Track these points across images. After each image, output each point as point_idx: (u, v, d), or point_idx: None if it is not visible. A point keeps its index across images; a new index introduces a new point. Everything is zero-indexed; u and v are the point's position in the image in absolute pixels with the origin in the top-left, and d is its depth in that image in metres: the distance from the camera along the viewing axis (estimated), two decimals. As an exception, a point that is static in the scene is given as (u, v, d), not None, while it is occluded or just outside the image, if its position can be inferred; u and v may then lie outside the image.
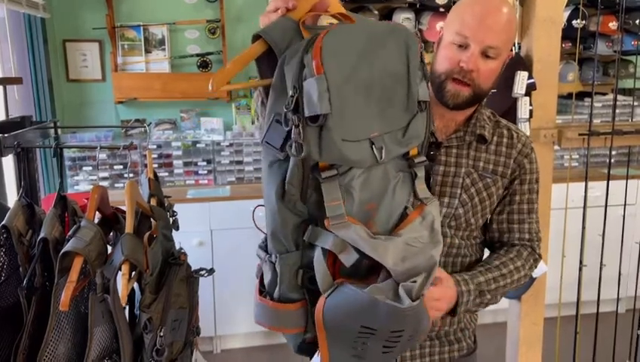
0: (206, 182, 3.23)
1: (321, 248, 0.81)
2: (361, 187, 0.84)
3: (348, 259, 0.80)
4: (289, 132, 0.77)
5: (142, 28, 3.30)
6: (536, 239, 1.26)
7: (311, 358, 0.95)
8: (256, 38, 0.83)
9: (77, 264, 0.99)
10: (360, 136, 0.82)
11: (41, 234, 1.07)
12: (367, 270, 0.87)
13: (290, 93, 0.76)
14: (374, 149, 0.83)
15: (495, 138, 1.23)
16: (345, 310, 0.80)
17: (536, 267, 1.24)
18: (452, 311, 1.11)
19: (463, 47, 1.11)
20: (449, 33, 1.13)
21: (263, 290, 0.87)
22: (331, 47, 0.77)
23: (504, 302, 2.08)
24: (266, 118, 0.81)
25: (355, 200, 0.83)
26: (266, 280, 0.85)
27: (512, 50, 1.92)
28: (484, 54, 1.10)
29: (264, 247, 0.87)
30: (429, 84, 1.21)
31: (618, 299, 2.29)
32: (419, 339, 1.01)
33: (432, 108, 1.21)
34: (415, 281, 0.84)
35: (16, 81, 1.85)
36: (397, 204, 0.91)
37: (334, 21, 0.92)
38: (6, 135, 1.32)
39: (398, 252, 0.84)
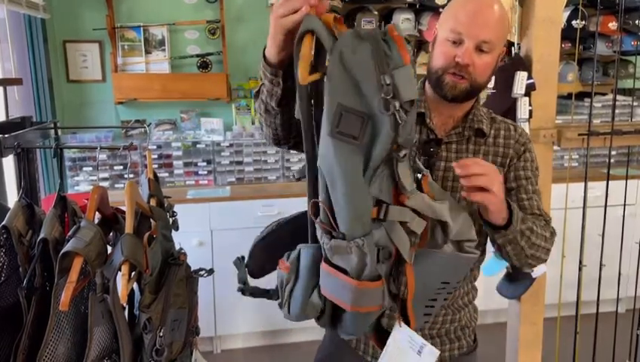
0: (206, 182, 3.23)
1: (398, 222, 0.89)
2: (414, 162, 0.97)
3: (419, 225, 0.91)
4: (364, 119, 0.84)
5: (142, 28, 3.30)
6: (546, 216, 1.27)
7: (383, 338, 1.03)
8: (304, 34, 0.86)
9: (77, 264, 1.00)
10: None
11: (41, 235, 1.07)
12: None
13: (387, 81, 0.82)
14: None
15: (493, 132, 1.27)
16: (432, 270, 0.94)
17: (553, 240, 1.23)
18: (505, 226, 1.10)
19: (457, 43, 1.15)
20: (443, 31, 1.18)
21: (353, 277, 0.90)
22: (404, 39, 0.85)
23: (504, 302, 2.08)
24: (328, 109, 0.85)
25: (413, 175, 0.95)
26: (350, 265, 0.89)
27: (511, 49, 1.92)
28: (479, 49, 1.15)
29: (339, 236, 0.89)
30: (427, 82, 1.24)
31: (618, 299, 2.29)
32: None
33: (430, 105, 1.24)
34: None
35: (16, 81, 1.86)
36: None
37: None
38: (6, 135, 1.32)
39: (449, 211, 0.96)
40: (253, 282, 1.13)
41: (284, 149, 1.25)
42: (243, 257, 1.16)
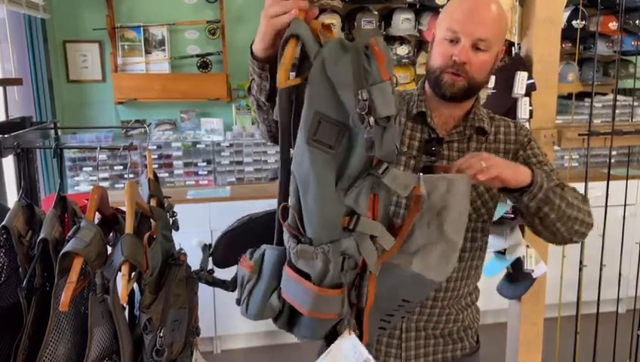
0: (206, 182, 3.23)
1: (370, 236, 0.89)
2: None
3: (388, 242, 0.92)
4: (340, 129, 0.85)
5: (142, 28, 3.30)
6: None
7: (327, 343, 1.00)
8: (289, 38, 0.87)
9: (77, 264, 0.99)
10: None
11: (41, 235, 1.07)
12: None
13: (364, 97, 0.82)
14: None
15: (493, 129, 1.28)
16: (394, 287, 0.94)
17: (589, 205, 1.24)
18: (525, 188, 1.09)
19: (454, 42, 1.16)
20: (440, 31, 1.19)
21: (314, 283, 0.90)
22: (387, 55, 0.86)
23: (504, 303, 2.08)
24: (305, 117, 0.85)
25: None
26: (314, 270, 0.88)
27: (512, 49, 1.92)
28: (475, 47, 1.16)
29: (306, 241, 0.89)
30: (427, 82, 1.25)
31: (618, 299, 2.29)
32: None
33: (430, 104, 1.24)
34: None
35: (16, 81, 1.85)
36: None
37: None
38: (6, 136, 1.32)
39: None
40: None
41: None
42: (210, 245, 1.18)
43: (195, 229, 2.88)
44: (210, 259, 1.19)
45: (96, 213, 1.18)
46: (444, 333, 1.29)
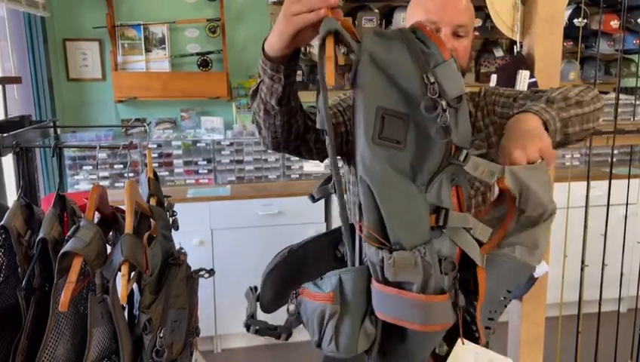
0: (206, 181, 3.22)
1: (462, 228, 0.82)
2: None
3: (484, 233, 0.85)
4: (404, 121, 0.78)
5: (142, 27, 3.29)
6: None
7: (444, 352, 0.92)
8: (327, 35, 0.81)
9: (76, 264, 0.99)
10: None
11: (40, 235, 1.06)
12: None
13: (431, 79, 0.77)
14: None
15: (473, 110, 1.29)
16: (499, 278, 0.87)
17: (598, 99, 1.17)
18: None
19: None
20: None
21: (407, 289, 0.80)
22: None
23: (505, 302, 2.08)
24: (366, 115, 0.79)
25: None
26: (417, 278, 0.79)
27: (513, 47, 1.91)
28: (456, 34, 1.17)
29: (397, 247, 0.80)
30: None
31: (620, 298, 2.28)
32: None
33: None
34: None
35: (16, 80, 1.85)
36: None
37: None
38: (5, 134, 1.31)
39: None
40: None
41: (283, 153, 1.18)
42: (255, 288, 1.06)
43: (195, 228, 2.88)
44: (258, 304, 1.06)
45: (96, 212, 1.18)
46: None
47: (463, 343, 0.88)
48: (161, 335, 1.11)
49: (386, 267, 0.79)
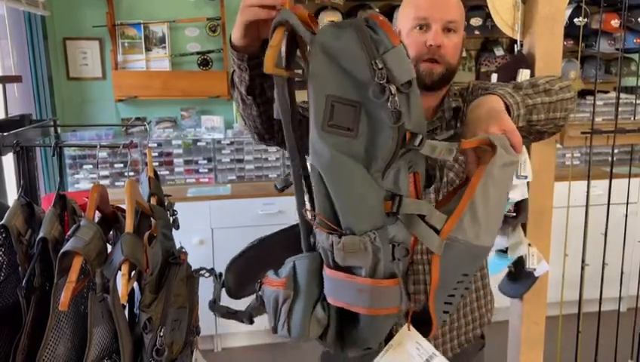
0: (207, 180, 3.22)
1: (417, 215, 0.82)
2: None
3: (439, 220, 0.84)
4: (356, 108, 0.79)
5: (142, 26, 3.29)
6: None
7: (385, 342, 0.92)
8: (277, 26, 0.83)
9: (76, 264, 0.99)
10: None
11: (41, 234, 1.06)
12: None
13: (379, 65, 0.77)
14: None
15: (465, 104, 1.29)
16: (458, 261, 0.85)
17: (568, 90, 1.16)
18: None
19: (424, 29, 1.18)
20: (407, 22, 1.20)
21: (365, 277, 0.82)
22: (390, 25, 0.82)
23: (506, 301, 2.07)
24: (316, 104, 0.80)
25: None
26: (366, 262, 0.80)
27: (513, 46, 1.91)
28: (446, 30, 1.18)
29: (347, 232, 0.81)
30: None
31: (620, 297, 2.28)
32: None
33: None
34: None
35: (16, 79, 1.85)
36: None
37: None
38: (5, 133, 1.31)
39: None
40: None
41: (271, 146, 1.20)
42: (221, 274, 1.08)
43: (196, 227, 2.88)
44: (223, 289, 1.07)
45: (96, 211, 1.18)
46: (466, 312, 1.32)
47: (409, 329, 0.88)
48: (162, 334, 1.11)
49: (335, 252, 0.81)
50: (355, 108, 0.79)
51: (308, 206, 0.86)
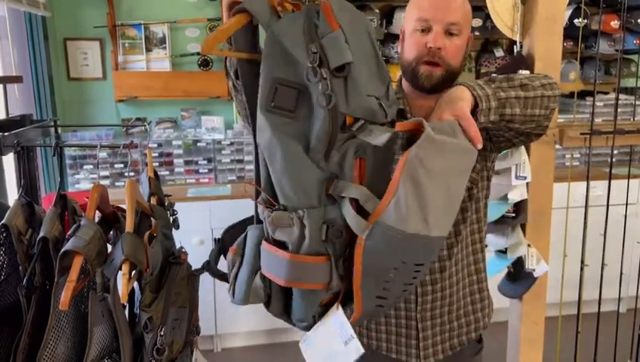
0: (207, 180, 3.22)
1: (348, 198, 0.83)
2: None
3: (372, 205, 0.83)
4: (299, 91, 0.82)
5: (143, 26, 3.29)
6: None
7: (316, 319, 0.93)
8: (238, 12, 0.87)
9: (77, 263, 0.99)
10: (371, 92, 0.86)
11: (41, 233, 1.06)
12: None
13: (313, 49, 0.81)
14: (383, 106, 0.87)
15: None
16: (385, 246, 0.82)
17: (551, 87, 1.11)
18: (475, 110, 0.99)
19: (425, 30, 1.18)
20: (410, 23, 1.21)
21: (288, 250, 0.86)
22: (339, 8, 0.84)
23: (505, 301, 2.08)
24: (263, 86, 0.84)
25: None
26: (291, 237, 0.84)
27: (513, 46, 1.91)
28: (448, 32, 1.17)
29: (280, 208, 0.86)
30: (403, 78, 1.27)
31: (619, 298, 2.28)
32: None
33: (410, 101, 1.25)
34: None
35: (16, 79, 1.85)
36: None
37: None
38: (6, 133, 1.32)
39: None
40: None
41: None
42: (219, 239, 1.13)
43: (196, 228, 2.88)
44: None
45: (97, 211, 1.18)
46: (459, 315, 1.31)
47: (337, 309, 0.89)
48: (162, 333, 1.12)
49: (266, 225, 0.86)
50: (297, 90, 0.83)
51: (262, 174, 0.90)
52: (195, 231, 2.89)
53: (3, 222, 1.08)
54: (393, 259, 0.84)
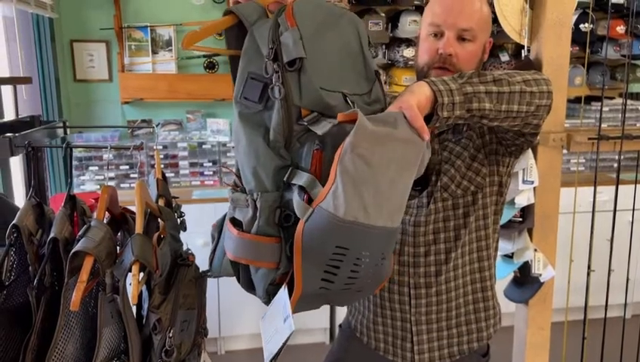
0: (211, 182, 3.23)
1: (298, 186, 0.88)
2: None
3: (318, 195, 0.86)
4: (266, 84, 0.89)
5: (149, 29, 3.31)
6: None
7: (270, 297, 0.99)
8: (227, 13, 0.96)
9: (87, 264, 0.99)
10: (335, 87, 0.90)
11: (52, 234, 1.06)
12: None
13: (270, 45, 0.87)
14: (348, 101, 0.91)
15: None
16: (322, 230, 0.85)
17: (536, 83, 1.06)
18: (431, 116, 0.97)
19: (438, 36, 1.18)
20: (424, 28, 1.22)
21: (239, 229, 0.93)
22: (301, 10, 0.90)
23: (511, 306, 2.07)
24: (238, 79, 0.92)
25: None
26: (245, 217, 0.92)
27: (521, 51, 1.91)
28: (460, 38, 1.17)
29: (241, 190, 0.94)
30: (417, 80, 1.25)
31: (625, 304, 2.28)
32: (386, 274, 0.97)
33: None
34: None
35: (26, 80, 1.86)
36: None
37: None
38: (16, 135, 1.32)
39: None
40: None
41: None
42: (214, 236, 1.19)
43: (201, 229, 2.87)
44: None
45: (106, 212, 1.18)
46: (459, 322, 1.29)
47: (284, 289, 0.93)
48: (170, 335, 1.11)
49: (230, 204, 0.96)
50: (263, 84, 0.89)
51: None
52: (200, 232, 2.87)
53: (14, 222, 1.07)
54: (331, 243, 0.86)
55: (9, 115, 2.28)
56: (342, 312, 2.70)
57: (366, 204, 0.84)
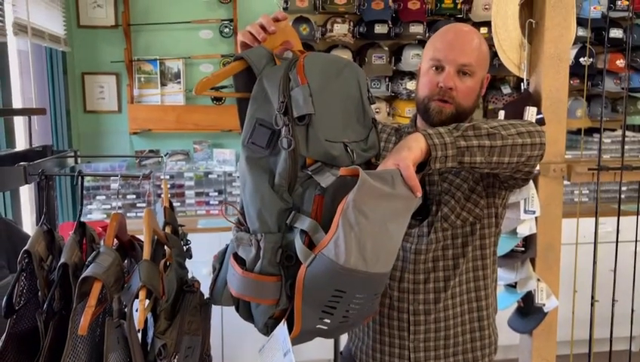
0: (217, 212, 3.26)
1: (300, 229, 0.93)
2: None
3: (319, 239, 0.92)
4: (274, 132, 0.95)
5: (158, 62, 3.39)
6: None
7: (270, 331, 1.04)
8: (237, 59, 1.01)
9: (96, 289, 1.01)
10: (337, 138, 0.98)
11: (62, 260, 1.09)
12: None
13: (281, 99, 0.93)
14: (348, 150, 0.99)
15: None
16: (323, 275, 0.91)
17: (529, 135, 1.09)
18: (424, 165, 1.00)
19: (439, 70, 1.23)
20: (426, 62, 1.27)
21: (243, 267, 0.98)
22: (310, 66, 0.97)
23: (515, 338, 2.06)
24: (246, 124, 0.99)
25: None
26: (248, 256, 0.97)
27: (520, 84, 1.96)
28: (460, 72, 1.22)
29: (245, 229, 1.00)
30: (417, 112, 1.33)
31: (631, 336, 2.26)
32: (376, 307, 1.05)
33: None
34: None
35: (40, 111, 1.92)
36: None
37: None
38: (30, 163, 1.36)
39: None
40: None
41: None
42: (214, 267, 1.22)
43: (206, 258, 2.88)
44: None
45: (115, 239, 1.21)
46: (457, 351, 1.30)
47: (283, 324, 0.98)
48: (175, 360, 1.13)
49: (234, 241, 1.01)
50: (271, 131, 0.96)
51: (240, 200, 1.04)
52: (205, 261, 2.89)
53: (26, 248, 1.10)
54: (331, 287, 0.92)
55: (22, 145, 2.33)
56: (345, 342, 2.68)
57: (365, 254, 0.90)
